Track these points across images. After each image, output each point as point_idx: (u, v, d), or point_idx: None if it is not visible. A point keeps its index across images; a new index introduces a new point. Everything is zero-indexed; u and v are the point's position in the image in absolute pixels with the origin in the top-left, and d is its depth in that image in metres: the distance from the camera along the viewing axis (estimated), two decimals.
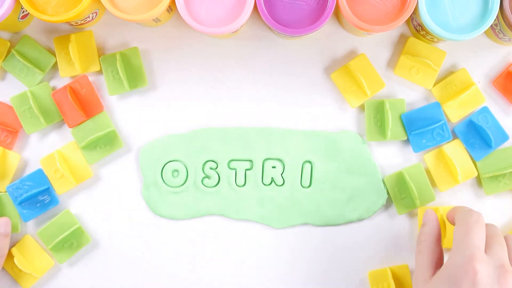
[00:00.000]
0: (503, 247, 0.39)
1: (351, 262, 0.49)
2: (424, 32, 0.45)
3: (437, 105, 0.47)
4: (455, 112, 0.47)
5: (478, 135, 0.47)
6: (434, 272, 0.40)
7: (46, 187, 0.48)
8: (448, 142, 0.48)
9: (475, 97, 0.47)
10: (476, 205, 0.48)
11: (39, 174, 0.48)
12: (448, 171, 0.47)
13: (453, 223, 0.42)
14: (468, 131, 0.48)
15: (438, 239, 0.42)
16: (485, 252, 0.39)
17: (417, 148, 0.48)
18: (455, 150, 0.47)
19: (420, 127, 0.47)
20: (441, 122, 0.47)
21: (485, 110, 0.47)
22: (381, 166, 0.48)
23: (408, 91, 0.49)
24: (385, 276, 0.47)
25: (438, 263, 0.41)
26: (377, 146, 0.49)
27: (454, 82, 0.47)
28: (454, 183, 0.47)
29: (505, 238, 0.41)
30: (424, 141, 0.47)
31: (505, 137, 0.47)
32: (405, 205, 0.48)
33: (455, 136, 0.48)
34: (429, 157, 0.48)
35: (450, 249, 0.40)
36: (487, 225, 0.41)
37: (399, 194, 0.48)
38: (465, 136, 0.48)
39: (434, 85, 0.48)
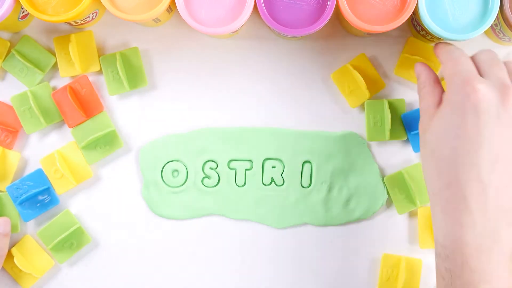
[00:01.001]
0: (502, 67, 0.38)
1: (351, 262, 0.49)
2: (424, 32, 0.45)
3: None
4: None
5: None
6: None
7: (46, 187, 0.48)
8: None
9: None
10: None
11: (39, 174, 0.48)
12: None
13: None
14: None
15: (436, 81, 0.40)
16: (483, 76, 0.37)
17: (417, 148, 0.48)
18: None
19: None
20: None
21: None
22: (381, 166, 0.48)
23: (408, 91, 0.49)
24: (398, 264, 0.47)
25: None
26: (377, 146, 0.49)
27: None
28: None
29: (505, 63, 0.39)
30: None
31: None
32: (405, 205, 0.48)
33: None
34: None
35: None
36: (484, 50, 0.39)
37: (399, 194, 0.48)
38: None
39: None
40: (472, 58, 0.39)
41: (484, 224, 0.35)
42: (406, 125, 0.47)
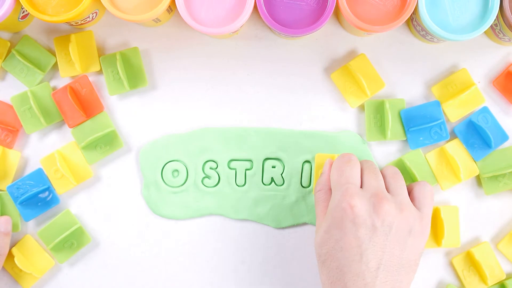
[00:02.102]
0: (378, 177, 0.41)
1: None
2: (424, 32, 0.45)
3: (437, 104, 0.47)
4: (455, 111, 0.47)
5: (477, 135, 0.47)
6: None
7: (46, 186, 0.48)
8: (449, 141, 0.48)
9: (475, 98, 0.47)
10: (476, 205, 0.48)
11: (39, 174, 0.48)
12: (450, 170, 0.47)
13: None
14: (468, 131, 0.48)
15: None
16: (363, 184, 0.40)
17: (414, 145, 0.48)
18: (456, 149, 0.47)
19: (418, 124, 0.47)
20: (439, 121, 0.47)
21: (485, 110, 0.47)
22: (381, 166, 0.48)
23: (408, 91, 0.49)
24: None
25: None
26: (377, 146, 0.49)
27: (455, 82, 0.47)
28: (456, 182, 0.47)
29: (382, 170, 0.43)
30: (421, 138, 0.47)
31: (505, 137, 0.47)
32: None
33: (453, 136, 0.48)
34: (431, 156, 0.48)
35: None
36: (361, 161, 0.42)
37: None
38: (464, 136, 0.48)
39: (434, 85, 0.48)
40: (361, 164, 0.42)
41: None
42: (405, 121, 0.47)
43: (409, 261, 0.39)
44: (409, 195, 0.42)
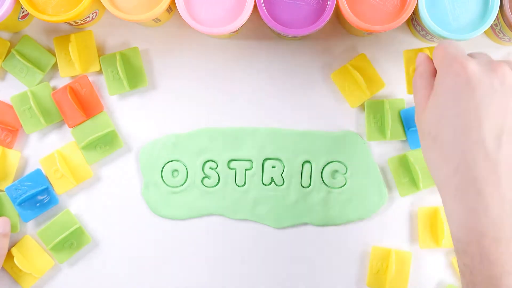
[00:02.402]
0: (487, 55, 0.37)
1: (351, 262, 0.49)
2: (424, 32, 0.45)
3: None
4: None
5: None
6: None
7: (45, 187, 0.48)
8: None
9: None
10: None
11: (38, 174, 0.48)
12: None
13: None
14: None
15: (433, 74, 0.38)
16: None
17: (414, 145, 0.48)
18: None
19: None
20: None
21: None
22: (381, 166, 0.48)
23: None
24: (387, 256, 0.47)
25: None
26: (377, 146, 0.49)
27: None
28: None
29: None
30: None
31: None
32: (408, 188, 0.48)
33: None
34: None
35: None
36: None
37: (403, 177, 0.47)
38: None
39: None
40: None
41: (500, 207, 0.32)
42: (405, 121, 0.47)
43: None
44: None
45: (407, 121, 0.47)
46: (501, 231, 0.32)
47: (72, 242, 0.48)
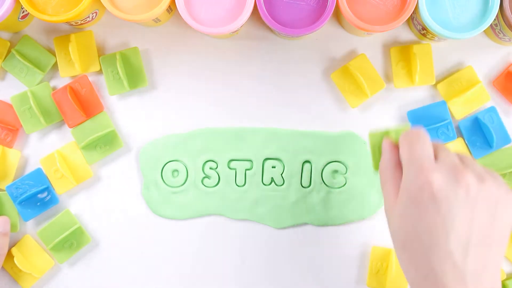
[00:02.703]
0: (450, 151, 0.37)
1: (351, 262, 0.49)
2: (424, 31, 0.45)
3: (443, 104, 0.47)
4: (460, 109, 0.47)
5: (481, 133, 0.47)
6: None
7: (45, 186, 0.48)
8: (451, 140, 0.48)
9: (480, 95, 0.47)
10: None
11: (38, 173, 0.48)
12: None
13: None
14: (472, 128, 0.48)
15: (397, 166, 0.38)
16: (436, 158, 0.36)
17: None
18: (458, 148, 0.47)
19: (425, 125, 0.47)
20: (446, 121, 0.47)
21: (492, 110, 0.47)
22: None
23: (408, 90, 0.48)
24: (387, 256, 0.47)
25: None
26: None
27: (460, 79, 0.48)
28: None
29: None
30: None
31: (507, 140, 0.47)
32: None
33: (459, 134, 0.48)
34: None
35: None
36: (432, 141, 0.38)
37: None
38: (468, 132, 0.48)
39: (439, 82, 0.48)
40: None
41: None
42: (412, 122, 0.47)
43: (500, 235, 0.35)
44: None
45: (414, 122, 0.47)
46: None
47: (72, 242, 0.48)
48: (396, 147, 0.39)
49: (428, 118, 0.47)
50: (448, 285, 0.33)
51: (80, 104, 0.48)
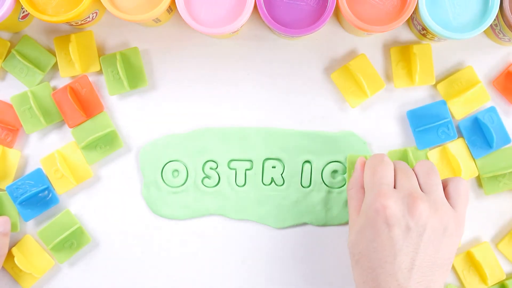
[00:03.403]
0: (411, 177, 0.40)
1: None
2: (424, 32, 0.45)
3: (443, 103, 0.47)
4: (460, 109, 0.47)
5: (481, 133, 0.47)
6: None
7: (45, 186, 0.48)
8: (453, 140, 0.48)
9: (480, 95, 0.47)
10: (476, 205, 0.48)
11: (39, 173, 0.48)
12: (451, 169, 0.47)
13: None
14: (472, 128, 0.48)
15: (363, 187, 0.43)
16: (396, 184, 0.40)
17: (422, 145, 0.48)
18: (458, 148, 0.47)
19: (425, 124, 0.47)
20: (446, 120, 0.47)
21: (492, 110, 0.47)
22: None
23: (408, 90, 0.49)
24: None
25: None
26: (377, 146, 0.49)
27: (460, 79, 0.48)
28: None
29: (416, 166, 0.42)
30: (429, 138, 0.47)
31: (507, 140, 0.47)
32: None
33: (459, 134, 0.48)
34: (432, 154, 0.48)
35: None
36: (394, 162, 0.42)
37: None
38: (468, 132, 0.48)
39: (439, 82, 0.48)
40: (394, 164, 0.42)
41: None
42: (412, 121, 0.47)
43: (443, 261, 0.38)
44: (444, 190, 0.41)
45: (414, 121, 0.47)
46: None
47: (72, 242, 0.48)
48: (363, 169, 0.43)
49: (428, 118, 0.47)
50: None
51: (80, 104, 0.48)
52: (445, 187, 0.41)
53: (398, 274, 0.37)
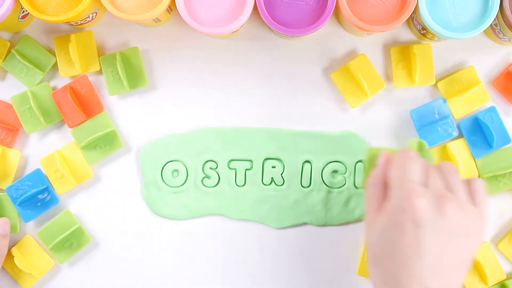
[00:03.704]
0: (439, 176, 0.39)
1: (351, 262, 0.49)
2: (424, 31, 0.45)
3: (443, 101, 0.47)
4: (459, 108, 0.47)
5: (481, 133, 0.47)
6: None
7: (45, 186, 0.48)
8: (453, 139, 0.48)
9: (480, 96, 0.47)
10: None
11: (38, 174, 0.48)
12: None
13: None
14: (472, 128, 0.48)
15: (385, 185, 0.40)
16: (425, 183, 0.38)
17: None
18: (459, 148, 0.47)
19: (428, 122, 0.47)
20: (447, 117, 0.47)
21: (492, 110, 0.47)
22: None
23: (408, 90, 0.48)
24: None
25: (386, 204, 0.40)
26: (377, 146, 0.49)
27: (461, 79, 0.48)
28: None
29: (441, 165, 0.40)
30: (431, 137, 0.47)
31: (507, 140, 0.47)
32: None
33: (459, 133, 0.48)
34: (432, 154, 0.48)
35: None
36: (422, 160, 0.40)
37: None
38: (468, 132, 0.48)
39: (440, 80, 0.48)
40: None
41: None
42: (416, 121, 0.47)
43: (465, 261, 0.37)
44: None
45: (418, 120, 0.47)
46: None
47: (72, 242, 0.48)
48: (387, 166, 0.41)
49: (430, 116, 0.47)
50: None
51: (80, 104, 0.48)
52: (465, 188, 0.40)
53: (422, 275, 0.36)
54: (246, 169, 0.49)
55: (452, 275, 0.37)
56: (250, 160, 0.49)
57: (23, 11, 0.46)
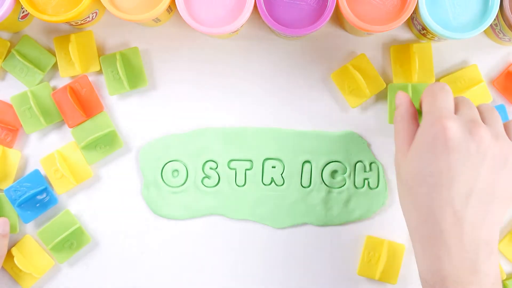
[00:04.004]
0: (473, 107, 0.39)
1: (351, 262, 0.49)
2: (425, 31, 0.45)
3: None
4: None
5: None
6: None
7: (43, 187, 0.48)
8: None
9: (482, 95, 0.47)
10: None
11: (36, 175, 0.48)
12: None
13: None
14: None
15: (413, 116, 0.41)
16: (456, 113, 0.38)
17: None
18: None
19: None
20: None
21: (501, 108, 0.47)
22: (386, 164, 0.48)
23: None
24: (380, 246, 0.47)
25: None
26: (377, 146, 0.49)
27: (463, 77, 0.48)
28: None
29: (477, 106, 0.40)
30: None
31: None
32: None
33: None
34: None
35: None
36: (456, 96, 0.40)
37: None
38: None
39: (441, 78, 0.48)
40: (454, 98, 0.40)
41: (461, 256, 0.36)
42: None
43: (503, 193, 0.36)
44: None
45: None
46: (461, 276, 0.36)
47: (72, 242, 0.48)
48: (410, 101, 0.41)
49: None
50: (445, 230, 0.36)
51: (80, 104, 0.48)
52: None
53: (454, 201, 0.35)
54: (246, 169, 0.49)
55: (489, 206, 0.36)
56: (250, 160, 0.49)
57: (23, 11, 0.46)
